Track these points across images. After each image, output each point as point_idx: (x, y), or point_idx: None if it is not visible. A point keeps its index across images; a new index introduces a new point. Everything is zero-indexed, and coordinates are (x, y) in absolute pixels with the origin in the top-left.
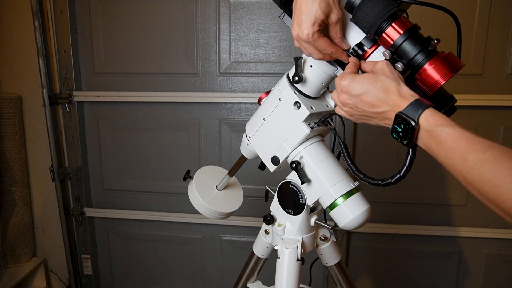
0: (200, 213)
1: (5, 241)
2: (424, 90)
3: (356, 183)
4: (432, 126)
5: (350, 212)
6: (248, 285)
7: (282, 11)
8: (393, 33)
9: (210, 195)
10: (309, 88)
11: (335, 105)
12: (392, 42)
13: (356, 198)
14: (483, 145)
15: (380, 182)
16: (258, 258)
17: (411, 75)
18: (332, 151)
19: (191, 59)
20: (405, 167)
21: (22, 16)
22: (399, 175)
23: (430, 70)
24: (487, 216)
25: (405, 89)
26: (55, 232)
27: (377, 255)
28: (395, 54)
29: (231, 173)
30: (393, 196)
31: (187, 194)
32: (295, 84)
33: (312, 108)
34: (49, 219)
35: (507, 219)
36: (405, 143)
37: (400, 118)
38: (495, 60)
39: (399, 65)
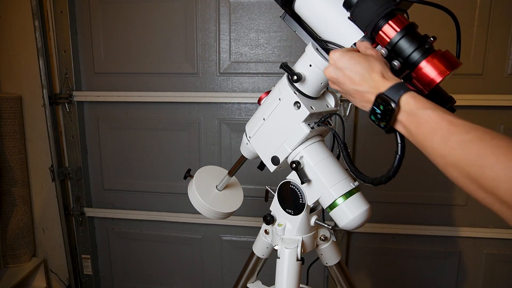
0: (200, 213)
1: (5, 241)
2: (420, 88)
3: (356, 183)
4: (414, 108)
5: (350, 212)
6: (248, 285)
7: (283, 11)
8: (389, 30)
9: (210, 195)
10: (309, 87)
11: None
12: (388, 40)
13: (356, 198)
14: (465, 127)
15: (372, 181)
16: (258, 258)
17: (407, 74)
18: (332, 151)
19: (191, 59)
20: (394, 166)
21: (22, 16)
22: (388, 174)
23: (427, 67)
24: (487, 216)
25: (390, 73)
26: (55, 232)
27: (377, 255)
28: (392, 52)
29: (231, 173)
30: (393, 196)
31: (187, 194)
32: (294, 84)
33: (312, 108)
34: (49, 219)
35: (487, 202)
36: (382, 125)
37: (380, 99)
38: (495, 60)
39: (395, 63)
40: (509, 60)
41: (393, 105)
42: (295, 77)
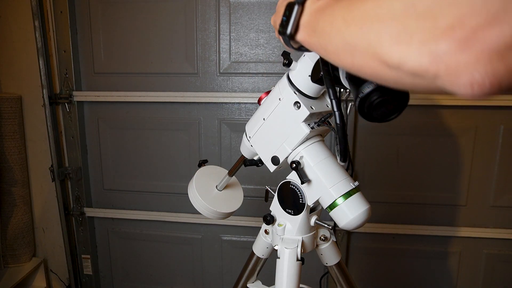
0: (200, 213)
1: (5, 241)
2: None
3: (356, 183)
4: (316, 2)
5: (350, 212)
6: (248, 285)
7: None
8: None
9: (210, 195)
10: (306, 85)
11: None
12: None
13: (356, 198)
14: None
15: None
16: (258, 258)
17: None
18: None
19: (191, 59)
20: (339, 137)
21: (22, 16)
22: (342, 149)
23: None
24: (487, 216)
25: None
26: (55, 232)
27: (377, 255)
28: None
29: (231, 173)
30: (393, 196)
31: (187, 194)
32: (292, 82)
33: (312, 108)
34: (49, 219)
35: (361, 43)
36: (284, 31)
37: (287, 7)
38: None
39: None
40: None
41: (296, 7)
42: (286, 61)
